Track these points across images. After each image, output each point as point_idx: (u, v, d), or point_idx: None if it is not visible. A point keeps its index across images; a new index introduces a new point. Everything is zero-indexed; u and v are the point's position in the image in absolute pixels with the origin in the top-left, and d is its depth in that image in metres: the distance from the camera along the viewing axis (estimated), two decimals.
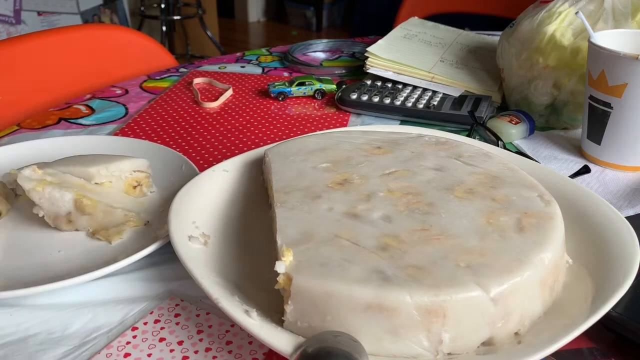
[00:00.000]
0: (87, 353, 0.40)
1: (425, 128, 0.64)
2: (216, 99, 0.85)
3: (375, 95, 0.80)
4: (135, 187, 0.56)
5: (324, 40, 1.11)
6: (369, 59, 0.88)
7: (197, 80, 0.92)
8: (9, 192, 0.57)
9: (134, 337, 0.42)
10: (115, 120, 0.79)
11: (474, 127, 0.71)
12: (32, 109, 0.85)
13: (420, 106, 0.77)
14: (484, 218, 0.42)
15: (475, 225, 0.42)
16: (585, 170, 0.65)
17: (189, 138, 0.73)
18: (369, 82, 0.85)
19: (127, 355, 0.40)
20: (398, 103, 0.78)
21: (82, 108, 0.83)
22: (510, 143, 0.72)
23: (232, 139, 0.73)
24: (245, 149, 0.70)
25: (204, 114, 0.81)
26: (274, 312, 0.39)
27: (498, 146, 0.64)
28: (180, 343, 0.41)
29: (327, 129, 0.76)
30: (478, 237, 0.40)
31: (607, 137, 0.65)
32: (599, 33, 0.67)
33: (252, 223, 0.51)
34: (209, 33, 3.18)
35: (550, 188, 0.49)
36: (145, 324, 0.43)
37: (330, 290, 0.36)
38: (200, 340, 0.41)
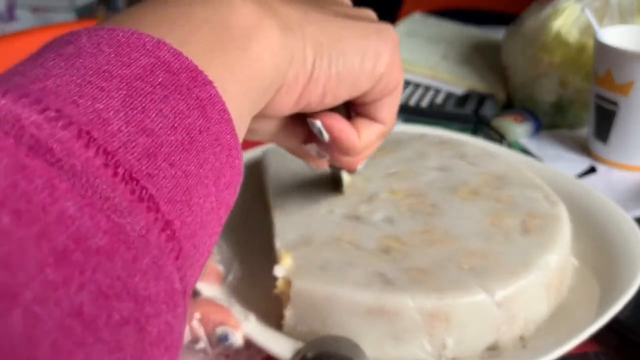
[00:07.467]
0: None
1: (429, 127, 0.64)
2: None
3: None
4: None
5: None
6: None
7: None
8: None
9: None
10: None
11: (478, 126, 0.71)
12: None
13: (423, 105, 0.76)
14: (488, 219, 0.42)
15: (480, 227, 0.41)
16: (591, 170, 0.64)
17: None
18: None
19: None
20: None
21: None
22: (516, 142, 0.71)
23: None
24: (244, 149, 0.70)
25: None
26: (273, 316, 0.38)
27: (503, 145, 0.64)
28: None
29: None
30: (482, 239, 0.39)
31: (613, 135, 0.64)
32: (605, 30, 0.66)
33: (250, 225, 0.50)
34: None
35: (556, 189, 0.48)
36: None
37: (331, 294, 0.35)
38: None
